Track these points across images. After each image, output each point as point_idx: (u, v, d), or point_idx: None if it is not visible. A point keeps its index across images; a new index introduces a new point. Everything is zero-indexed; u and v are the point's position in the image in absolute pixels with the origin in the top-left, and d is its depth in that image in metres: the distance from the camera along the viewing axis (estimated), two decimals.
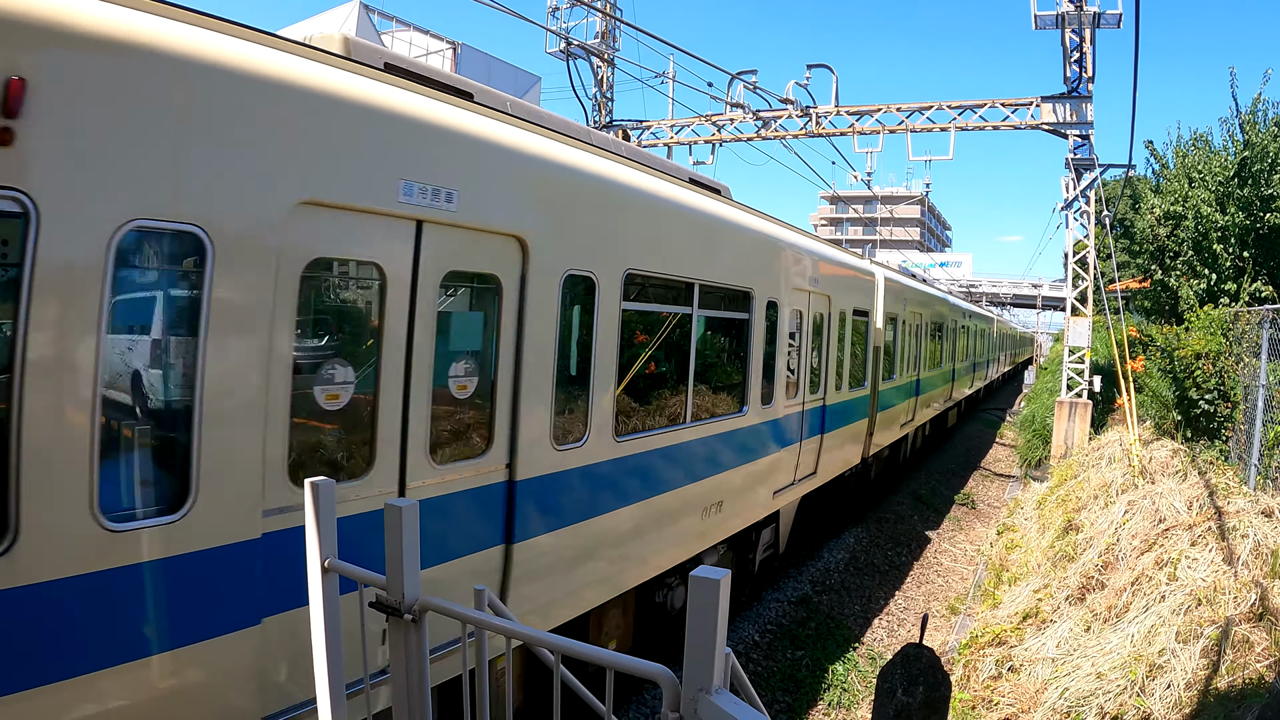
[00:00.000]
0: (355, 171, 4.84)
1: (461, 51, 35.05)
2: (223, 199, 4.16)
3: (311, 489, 3.56)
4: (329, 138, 4.69)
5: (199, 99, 4.07)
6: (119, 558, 3.79)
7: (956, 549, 18.45)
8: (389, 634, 3.39)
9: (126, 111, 3.79)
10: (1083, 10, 21.35)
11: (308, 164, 4.57)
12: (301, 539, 3.83)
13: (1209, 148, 20.84)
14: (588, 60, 27.74)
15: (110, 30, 3.75)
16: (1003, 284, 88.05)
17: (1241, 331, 13.90)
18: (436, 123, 5.40)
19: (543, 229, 6.21)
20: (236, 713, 4.36)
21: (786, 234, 11.63)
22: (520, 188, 6.07)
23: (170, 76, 3.96)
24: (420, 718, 3.32)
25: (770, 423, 10.89)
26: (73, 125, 3.61)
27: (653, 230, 7.94)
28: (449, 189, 5.39)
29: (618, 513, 7.49)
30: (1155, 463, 14.87)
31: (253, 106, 4.30)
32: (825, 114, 25.47)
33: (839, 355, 14.02)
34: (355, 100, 4.86)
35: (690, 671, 2.38)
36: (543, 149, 6.40)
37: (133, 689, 3.89)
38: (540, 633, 3.11)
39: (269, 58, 4.47)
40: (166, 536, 3.99)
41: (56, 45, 3.56)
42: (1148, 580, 9.95)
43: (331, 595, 3.68)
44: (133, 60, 3.82)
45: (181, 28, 4.10)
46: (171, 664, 4.03)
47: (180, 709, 4.11)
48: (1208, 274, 19.56)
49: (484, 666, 3.36)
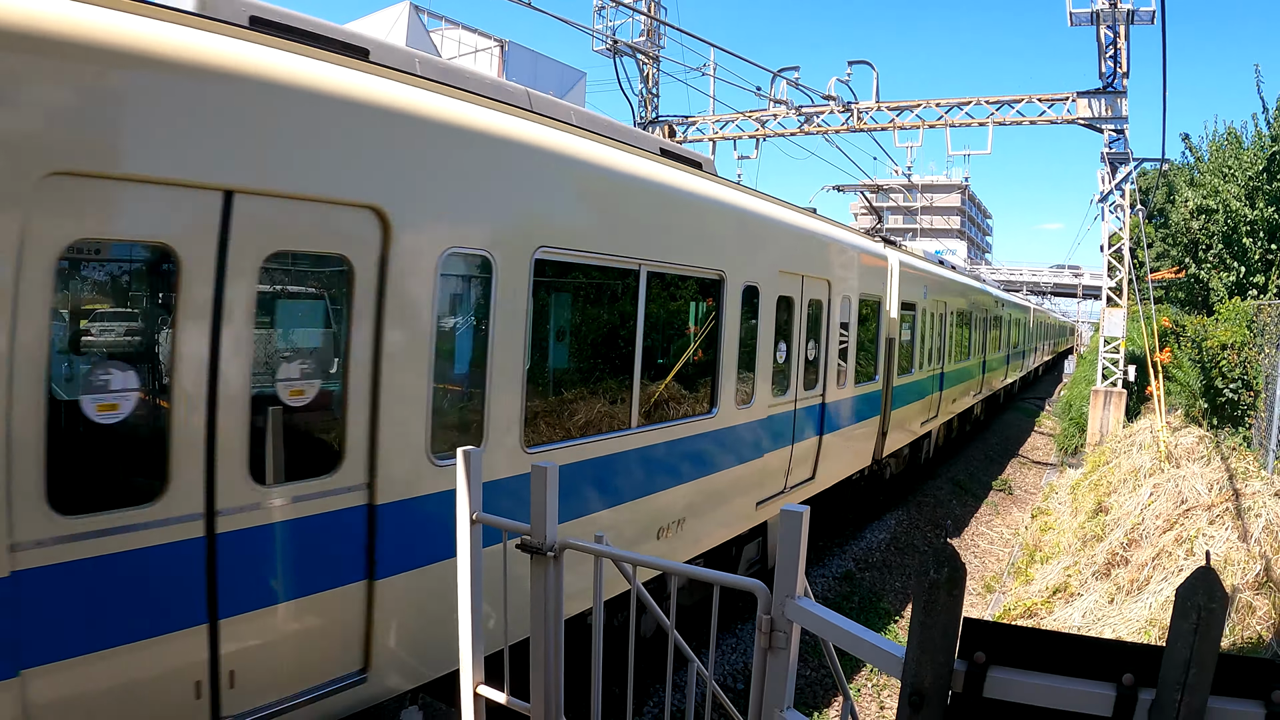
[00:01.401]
0: (129, 134, 4.01)
1: (509, 49, 36.01)
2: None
3: (463, 456, 4.51)
4: (84, 94, 3.87)
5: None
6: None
7: (993, 532, 19.18)
8: (532, 571, 4.32)
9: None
10: (1117, 7, 21.85)
11: (61, 127, 3.78)
12: (83, 580, 3.82)
13: (1239, 144, 21.31)
14: (633, 57, 28.57)
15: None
16: (1043, 272, 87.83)
17: (1264, 324, 14.53)
18: (255, 75, 4.48)
19: (410, 199, 5.22)
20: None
21: (773, 211, 10.42)
22: (378, 149, 5.07)
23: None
24: (556, 637, 4.28)
25: (751, 425, 9.74)
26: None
27: (578, 203, 6.84)
28: (271, 150, 4.53)
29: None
30: (1181, 448, 15.57)
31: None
32: (866, 109, 26.12)
33: (841, 347, 12.64)
34: (117, 48, 3.95)
35: (780, 582, 3.30)
36: (416, 105, 5.37)
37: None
38: (654, 559, 4.12)
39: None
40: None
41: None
42: (1167, 556, 10.72)
43: (477, 543, 4.64)
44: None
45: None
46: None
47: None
48: (1237, 267, 20.11)
49: (599, 592, 4.32)
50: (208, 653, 4.34)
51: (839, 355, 12.50)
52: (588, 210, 6.97)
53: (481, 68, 35.84)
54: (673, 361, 8.60)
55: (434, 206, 5.43)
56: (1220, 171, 21.01)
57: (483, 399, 5.92)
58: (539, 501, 4.13)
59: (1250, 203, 19.65)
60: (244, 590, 4.49)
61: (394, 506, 5.16)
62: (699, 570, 3.76)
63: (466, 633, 4.71)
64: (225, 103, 4.32)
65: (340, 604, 4.95)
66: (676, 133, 29.30)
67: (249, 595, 4.52)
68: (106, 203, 3.98)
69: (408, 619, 5.33)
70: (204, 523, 4.32)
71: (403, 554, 5.24)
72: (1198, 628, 2.48)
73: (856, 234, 13.73)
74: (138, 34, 4.03)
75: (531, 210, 6.26)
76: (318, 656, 4.85)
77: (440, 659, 5.47)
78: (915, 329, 17.54)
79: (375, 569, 5.08)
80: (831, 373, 12.16)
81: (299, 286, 5.20)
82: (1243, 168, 20.23)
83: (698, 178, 8.80)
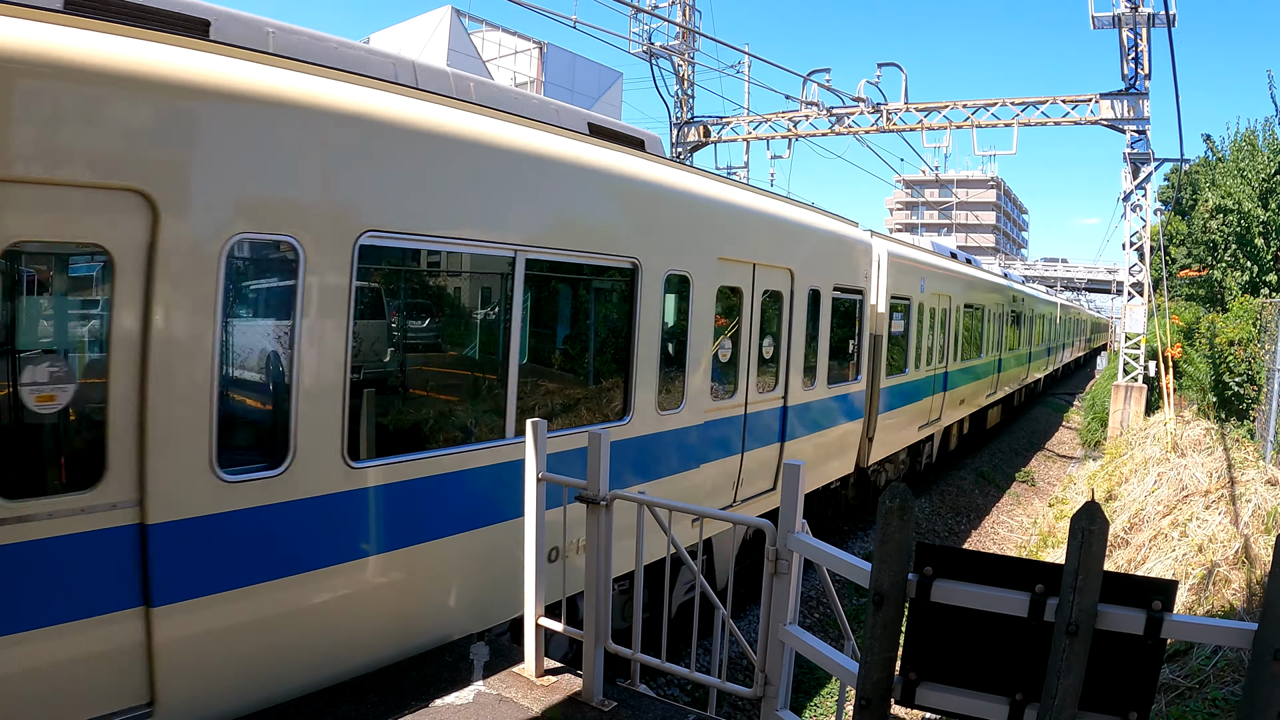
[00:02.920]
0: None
1: (548, 50, 37.12)
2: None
3: (532, 426, 5.54)
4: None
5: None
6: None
7: (1014, 520, 19.98)
8: (587, 519, 5.32)
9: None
10: (1138, 10, 22.47)
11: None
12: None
13: (1254, 147, 21.92)
14: (669, 59, 29.50)
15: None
16: (1077, 268, 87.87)
17: (1267, 321, 15.25)
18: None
19: (184, 180, 4.64)
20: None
21: (714, 190, 9.23)
22: (139, 123, 4.49)
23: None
24: (606, 573, 5.30)
25: (680, 432, 8.63)
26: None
27: (428, 181, 5.93)
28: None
29: (361, 563, 5.62)
30: (1187, 440, 16.34)
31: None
32: (895, 110, 26.90)
33: (807, 344, 11.25)
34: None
35: (783, 520, 4.28)
36: (196, 74, 4.72)
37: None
38: (687, 505, 5.23)
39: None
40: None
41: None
42: (1164, 538, 11.57)
43: (542, 498, 5.66)
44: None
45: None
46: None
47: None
48: (1250, 266, 20.76)
49: (641, 532, 5.34)
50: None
51: (806, 353, 11.22)
52: (442, 189, 6.05)
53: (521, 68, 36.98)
54: (569, 362, 7.84)
55: (216, 187, 4.76)
56: (1236, 173, 21.66)
57: (288, 405, 5.18)
58: (594, 463, 5.14)
59: (1263, 204, 20.30)
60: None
61: (169, 527, 4.65)
62: (720, 513, 4.84)
63: (531, 573, 5.74)
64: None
65: (109, 632, 4.51)
66: (711, 132, 30.29)
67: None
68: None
69: (204, 649, 4.85)
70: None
71: (188, 579, 4.75)
72: (1083, 545, 3.42)
73: (834, 220, 12.45)
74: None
75: (357, 189, 5.49)
76: (87, 688, 4.49)
77: (247, 691, 5.06)
78: (909, 325, 16.23)
79: (151, 595, 4.60)
80: (795, 373, 10.93)
81: (49, 280, 4.69)
82: (1256, 170, 20.87)
83: (610, 153, 7.70)
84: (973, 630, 3.66)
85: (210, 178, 4.71)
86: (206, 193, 4.70)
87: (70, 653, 4.33)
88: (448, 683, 5.67)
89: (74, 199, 4.25)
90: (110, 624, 4.47)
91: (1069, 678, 3.41)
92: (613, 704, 5.41)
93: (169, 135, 4.57)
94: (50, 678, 4.29)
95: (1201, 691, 7.04)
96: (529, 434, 5.58)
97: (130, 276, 4.44)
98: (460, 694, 5.50)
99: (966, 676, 3.70)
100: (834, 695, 9.68)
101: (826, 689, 9.92)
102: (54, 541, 4.25)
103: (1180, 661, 7.77)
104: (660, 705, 5.55)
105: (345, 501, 5.42)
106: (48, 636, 4.26)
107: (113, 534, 4.47)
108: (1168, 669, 7.64)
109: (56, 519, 4.27)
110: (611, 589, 5.40)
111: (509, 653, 6.19)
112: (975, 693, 3.68)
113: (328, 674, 5.45)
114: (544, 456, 5.62)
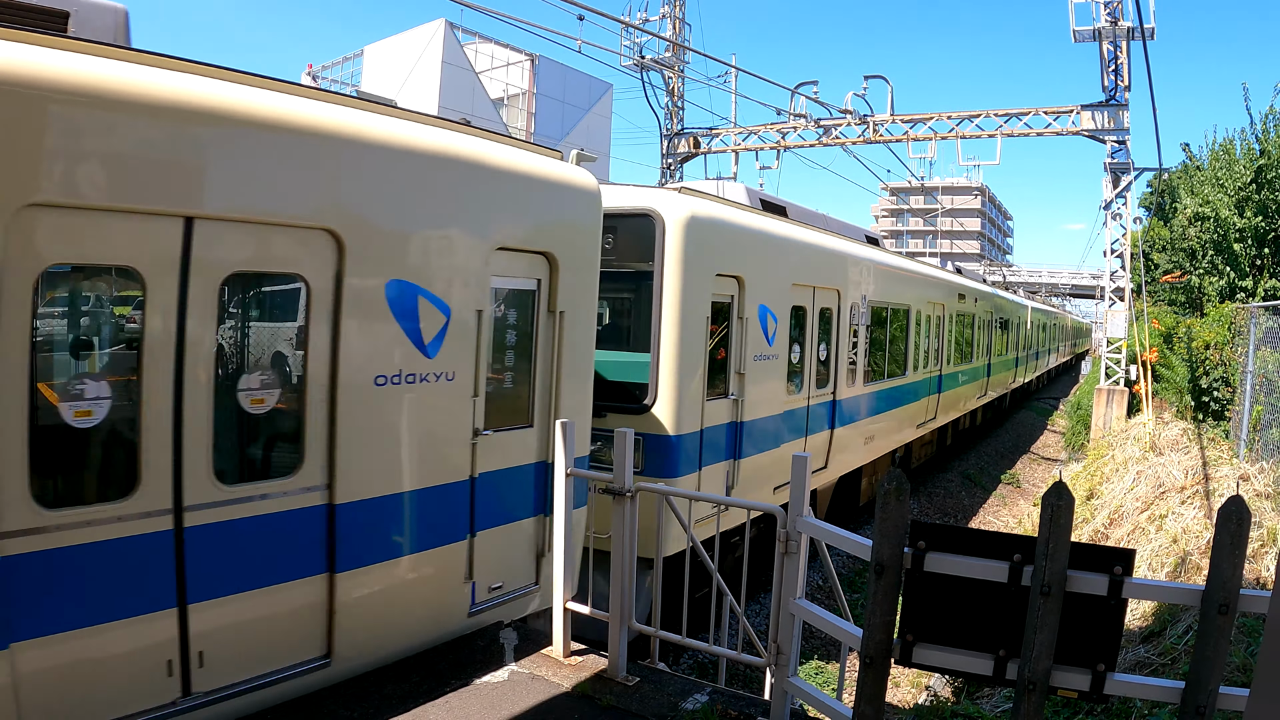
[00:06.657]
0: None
1: (539, 62, 37.80)
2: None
3: (561, 427, 6.08)
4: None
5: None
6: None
7: (999, 521, 20.55)
8: (614, 509, 5.86)
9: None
10: (1117, 25, 23.21)
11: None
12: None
13: (1230, 156, 22.66)
14: (659, 71, 30.10)
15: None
16: (1062, 274, 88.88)
17: (1241, 325, 15.91)
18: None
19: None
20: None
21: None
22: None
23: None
24: (630, 559, 5.84)
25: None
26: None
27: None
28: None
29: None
30: (1165, 440, 16.98)
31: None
32: (881, 122, 27.58)
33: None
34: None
35: (792, 505, 4.84)
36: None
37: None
38: (704, 494, 5.71)
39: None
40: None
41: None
42: (1141, 533, 12.17)
43: (569, 492, 6.19)
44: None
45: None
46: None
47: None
48: (1228, 272, 21.49)
49: (661, 520, 5.88)
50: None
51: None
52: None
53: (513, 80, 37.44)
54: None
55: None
56: (1214, 181, 22.41)
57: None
58: (620, 458, 5.69)
59: (1240, 211, 21.02)
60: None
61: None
62: (734, 500, 5.37)
63: (560, 559, 6.27)
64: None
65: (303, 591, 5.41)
66: (701, 144, 30.87)
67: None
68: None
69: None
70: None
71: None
72: (1052, 518, 3.98)
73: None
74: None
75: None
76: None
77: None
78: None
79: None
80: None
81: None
82: (1233, 179, 21.61)
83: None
84: (961, 596, 4.22)
85: None
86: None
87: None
88: (481, 664, 6.19)
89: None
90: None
91: (1044, 634, 3.97)
92: (635, 679, 5.96)
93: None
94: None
95: (1173, 668, 7.61)
96: (558, 433, 6.13)
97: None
98: (495, 674, 6.03)
99: (956, 636, 4.26)
100: (820, 669, 10.43)
101: (813, 663, 10.57)
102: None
103: (1155, 642, 8.37)
104: (678, 679, 6.11)
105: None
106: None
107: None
108: (1144, 649, 8.24)
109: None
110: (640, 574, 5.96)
111: (536, 637, 6.72)
112: (964, 650, 4.23)
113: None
114: (573, 453, 6.16)
